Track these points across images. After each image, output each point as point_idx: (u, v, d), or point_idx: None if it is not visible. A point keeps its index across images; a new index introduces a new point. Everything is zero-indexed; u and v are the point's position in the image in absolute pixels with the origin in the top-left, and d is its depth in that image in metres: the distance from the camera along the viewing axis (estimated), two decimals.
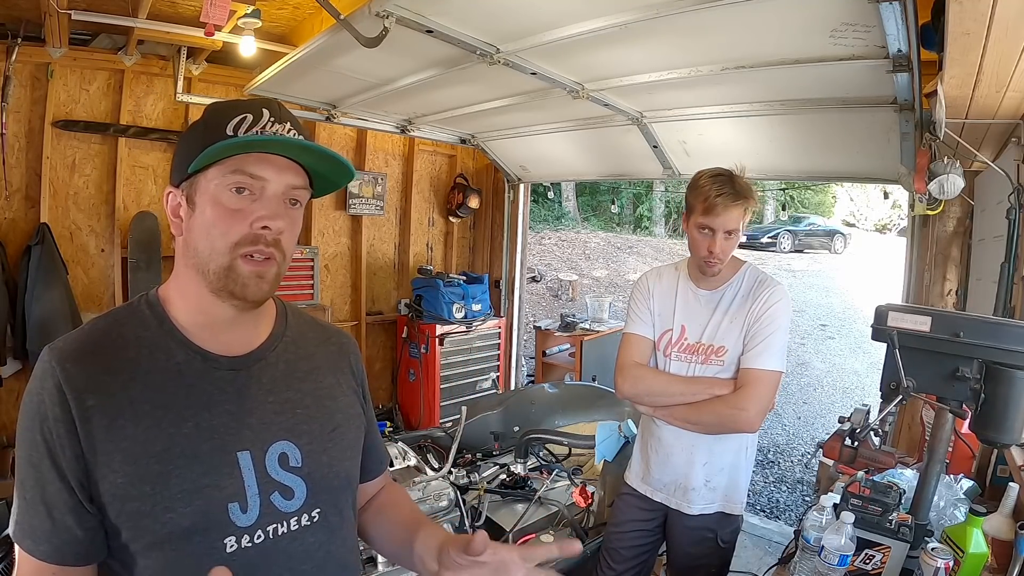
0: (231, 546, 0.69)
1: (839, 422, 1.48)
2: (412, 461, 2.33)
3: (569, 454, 2.46)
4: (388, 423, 4.27)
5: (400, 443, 2.43)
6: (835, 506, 1.28)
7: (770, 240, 13.91)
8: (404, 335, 4.25)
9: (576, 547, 0.70)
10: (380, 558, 1.71)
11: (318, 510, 0.77)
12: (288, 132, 0.72)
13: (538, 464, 2.48)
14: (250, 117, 0.70)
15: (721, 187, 1.49)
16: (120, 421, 0.66)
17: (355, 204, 4.11)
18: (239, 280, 0.69)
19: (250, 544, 0.71)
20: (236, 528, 0.70)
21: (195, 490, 0.67)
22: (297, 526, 0.75)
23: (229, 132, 0.69)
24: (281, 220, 0.71)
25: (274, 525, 0.73)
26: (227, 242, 0.69)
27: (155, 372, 0.70)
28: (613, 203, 14.49)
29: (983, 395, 1.17)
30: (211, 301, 0.72)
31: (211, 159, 0.68)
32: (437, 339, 4.02)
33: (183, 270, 0.73)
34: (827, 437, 2.11)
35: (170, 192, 0.73)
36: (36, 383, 0.67)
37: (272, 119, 0.71)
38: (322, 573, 0.77)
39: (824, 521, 1.25)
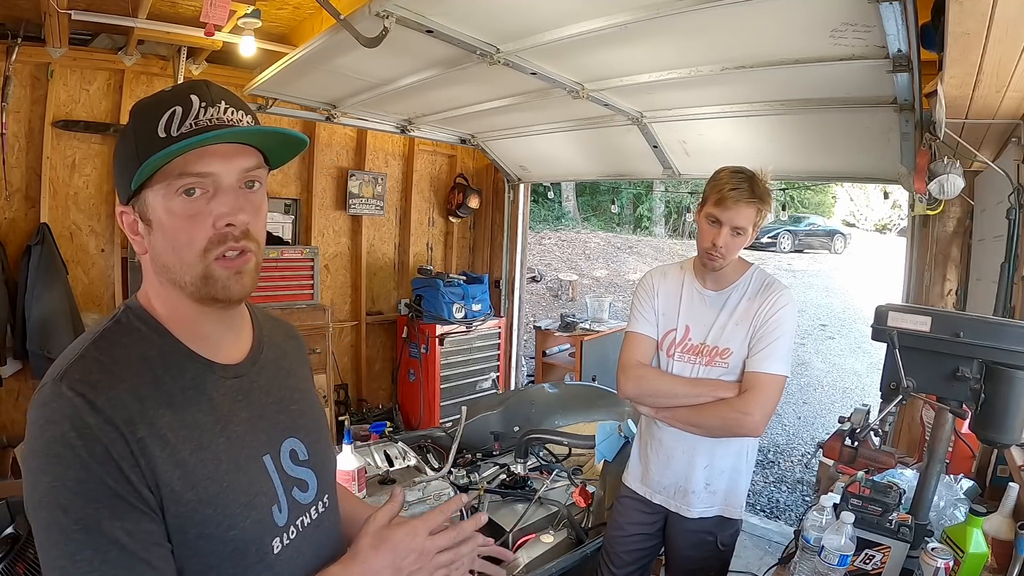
0: (277, 547, 0.71)
1: (839, 422, 1.47)
2: (412, 461, 2.33)
3: (569, 454, 2.46)
4: (388, 423, 4.25)
5: (400, 443, 2.44)
6: (835, 506, 1.27)
7: (770, 240, 13.91)
8: (404, 335, 4.25)
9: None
10: None
11: (327, 495, 0.81)
12: (224, 113, 0.66)
13: (538, 464, 2.48)
14: (179, 110, 0.64)
15: (738, 183, 1.48)
16: (169, 448, 0.63)
17: (355, 204, 4.11)
18: (218, 283, 0.66)
19: (289, 541, 0.73)
20: (278, 529, 0.71)
21: (248, 501, 0.68)
22: (316, 515, 0.78)
23: (161, 134, 0.63)
24: (243, 212, 0.66)
25: (301, 518, 0.75)
26: (195, 251, 0.65)
27: (177, 391, 0.67)
28: (613, 203, 14.47)
29: (983, 395, 1.17)
30: (197, 310, 0.69)
31: (151, 172, 0.63)
32: (437, 339, 4.02)
33: (160, 287, 0.69)
34: (827, 437, 2.10)
35: (122, 212, 0.68)
36: (66, 425, 0.58)
37: (203, 104, 0.65)
38: (336, 554, 0.80)
39: (824, 521, 1.25)
